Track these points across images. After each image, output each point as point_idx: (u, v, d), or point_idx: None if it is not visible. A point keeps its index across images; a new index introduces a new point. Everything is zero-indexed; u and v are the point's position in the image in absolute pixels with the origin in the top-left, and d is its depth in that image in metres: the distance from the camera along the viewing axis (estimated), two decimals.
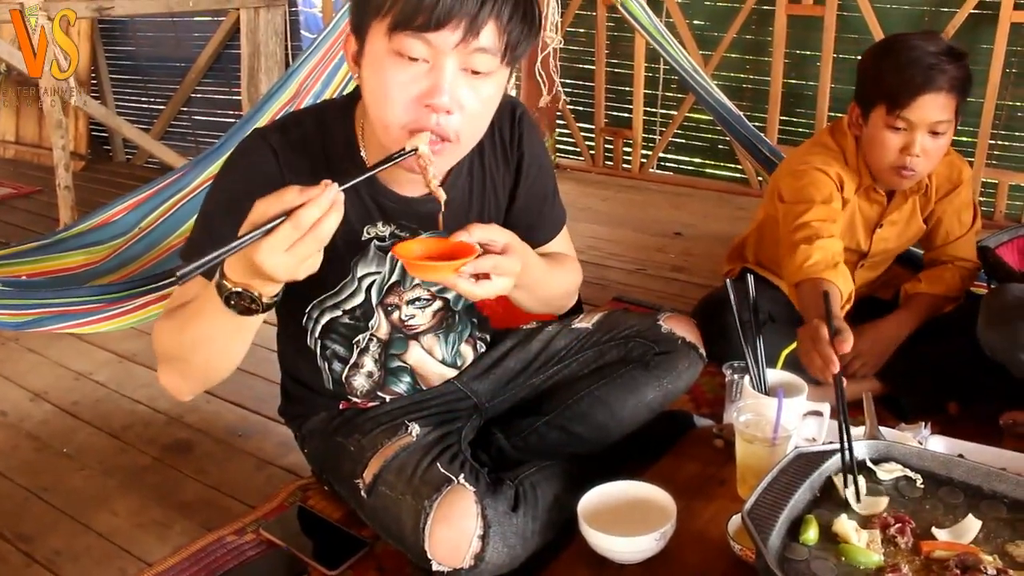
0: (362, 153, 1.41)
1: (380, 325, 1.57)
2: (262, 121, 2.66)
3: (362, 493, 1.52)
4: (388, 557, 1.60)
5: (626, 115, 4.51)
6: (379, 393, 1.64)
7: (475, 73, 1.23)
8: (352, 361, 1.60)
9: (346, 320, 1.56)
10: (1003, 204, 3.68)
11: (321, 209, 1.06)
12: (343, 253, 1.47)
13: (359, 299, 1.53)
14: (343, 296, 1.53)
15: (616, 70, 4.48)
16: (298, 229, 1.05)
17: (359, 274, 1.51)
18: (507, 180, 1.58)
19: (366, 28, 1.23)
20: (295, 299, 1.49)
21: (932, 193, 2.13)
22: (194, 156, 2.78)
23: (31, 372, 2.50)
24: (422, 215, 1.47)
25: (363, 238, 1.48)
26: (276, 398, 1.76)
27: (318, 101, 2.68)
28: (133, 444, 2.13)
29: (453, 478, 1.43)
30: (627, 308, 2.57)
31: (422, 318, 1.60)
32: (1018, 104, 3.57)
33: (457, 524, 1.38)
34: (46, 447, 2.13)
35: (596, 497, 1.51)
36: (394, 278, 1.54)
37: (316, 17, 4.67)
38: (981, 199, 3.72)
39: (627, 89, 4.45)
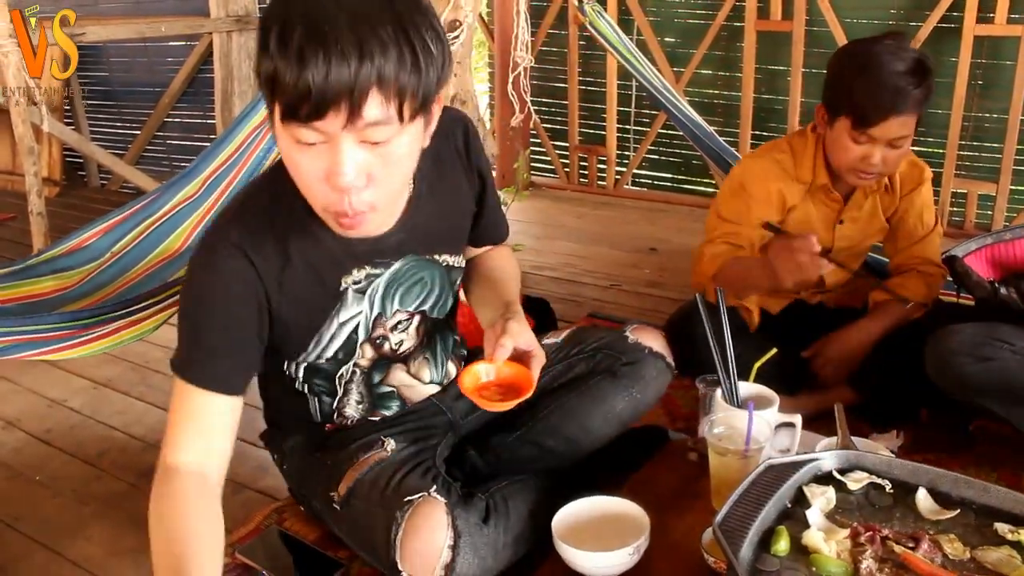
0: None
1: (363, 355, 1.57)
2: (234, 143, 2.66)
3: (336, 506, 1.53)
4: None
5: (600, 132, 4.55)
6: (370, 418, 1.64)
7: (375, 144, 1.17)
8: (340, 395, 1.61)
9: (325, 364, 1.55)
10: (972, 213, 3.74)
11: None
12: (320, 312, 1.46)
13: (339, 343, 1.51)
14: (321, 347, 1.51)
15: (589, 88, 4.51)
16: None
17: (342, 320, 1.49)
18: (474, 187, 1.61)
19: (271, 109, 1.19)
20: (271, 358, 1.49)
21: (897, 190, 2.18)
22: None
23: (3, 400, 2.48)
24: (392, 248, 1.46)
25: (340, 288, 1.45)
26: (251, 422, 1.74)
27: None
28: (108, 471, 2.12)
29: (424, 490, 1.44)
30: (598, 324, 2.58)
31: (408, 339, 1.60)
32: (984, 115, 3.63)
33: (427, 535, 1.38)
34: (19, 475, 2.11)
35: (570, 513, 1.52)
36: (375, 311, 1.52)
37: None
38: (951, 209, 3.77)
39: (600, 106, 4.49)
